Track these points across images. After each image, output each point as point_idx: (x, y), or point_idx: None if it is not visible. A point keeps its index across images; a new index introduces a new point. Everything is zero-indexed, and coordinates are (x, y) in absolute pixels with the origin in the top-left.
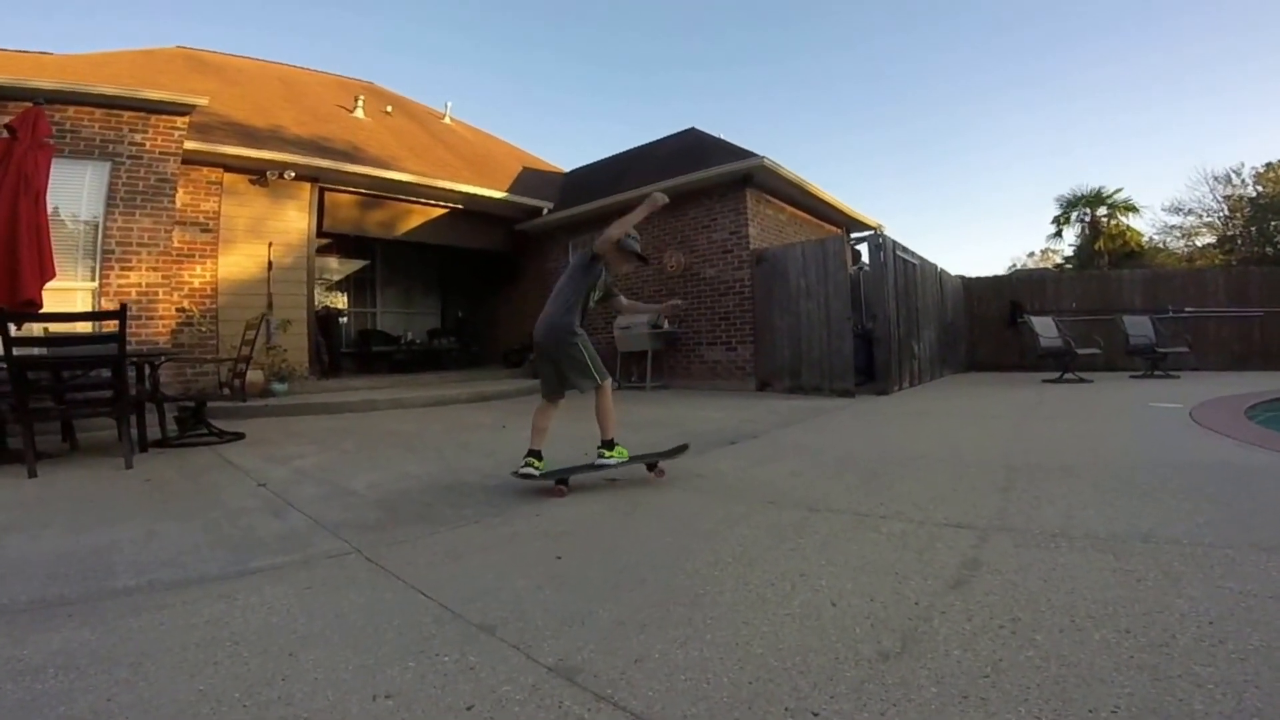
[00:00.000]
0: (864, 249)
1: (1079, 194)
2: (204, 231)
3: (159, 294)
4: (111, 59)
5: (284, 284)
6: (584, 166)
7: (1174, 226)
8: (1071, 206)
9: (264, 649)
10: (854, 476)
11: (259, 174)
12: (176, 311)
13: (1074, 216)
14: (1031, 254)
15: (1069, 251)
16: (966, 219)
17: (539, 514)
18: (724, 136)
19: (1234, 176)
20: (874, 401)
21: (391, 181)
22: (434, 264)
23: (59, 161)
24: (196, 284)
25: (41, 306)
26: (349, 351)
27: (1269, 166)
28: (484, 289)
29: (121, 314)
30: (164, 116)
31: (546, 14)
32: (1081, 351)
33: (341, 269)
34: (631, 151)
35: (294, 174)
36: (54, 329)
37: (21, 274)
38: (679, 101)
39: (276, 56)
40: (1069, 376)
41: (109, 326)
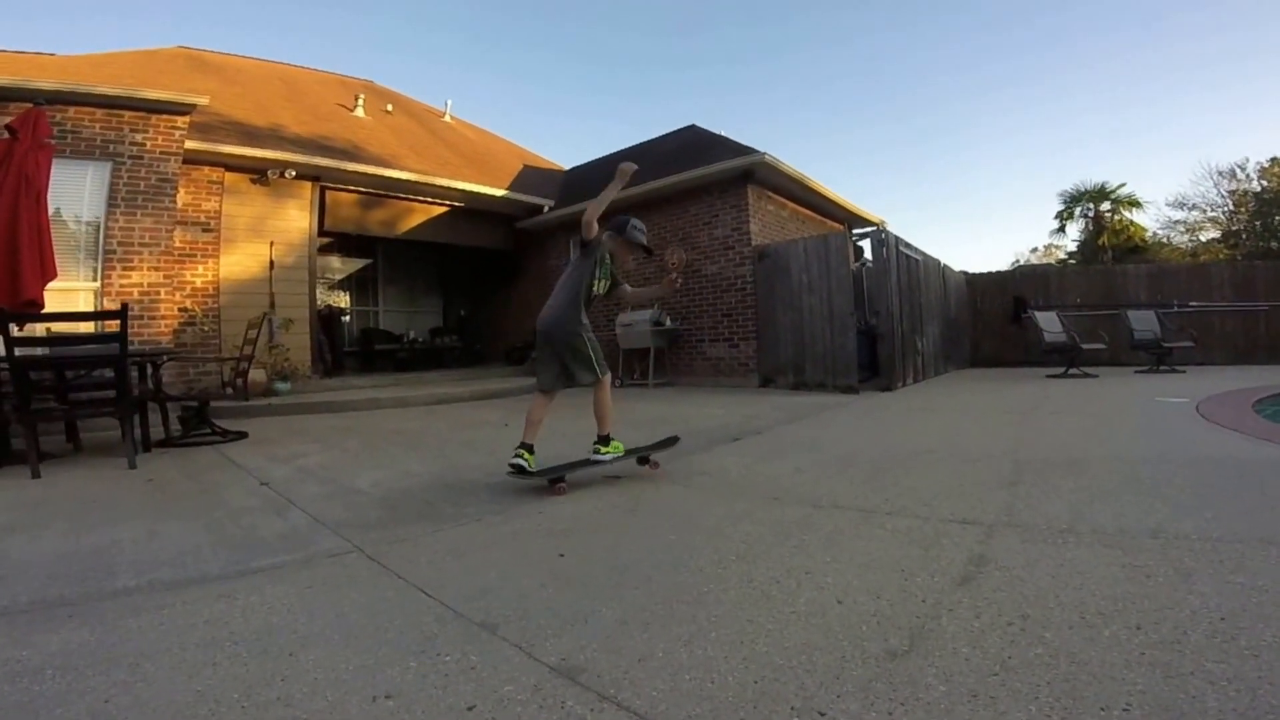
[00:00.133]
0: (866, 245)
1: (1082, 189)
2: (205, 231)
3: (161, 294)
4: (112, 59)
5: (286, 283)
6: (584, 164)
7: (1178, 221)
8: (1075, 202)
9: (264, 649)
10: (858, 473)
11: (260, 173)
12: (179, 311)
13: (1077, 212)
14: (1035, 249)
15: (1072, 247)
16: (969, 215)
17: (541, 512)
18: (725, 133)
19: (1238, 171)
20: (878, 398)
21: (392, 180)
22: (435, 262)
23: (60, 162)
24: (198, 283)
25: (43, 307)
26: (352, 350)
27: (1274, 161)
28: (486, 287)
29: (123, 313)
30: (164, 116)
31: (546, 13)
32: (1086, 346)
33: (344, 268)
34: (632, 149)
35: (295, 173)
36: (56, 329)
37: (23, 274)
38: (679, 100)
39: (276, 56)
40: (1074, 372)
41: (111, 326)
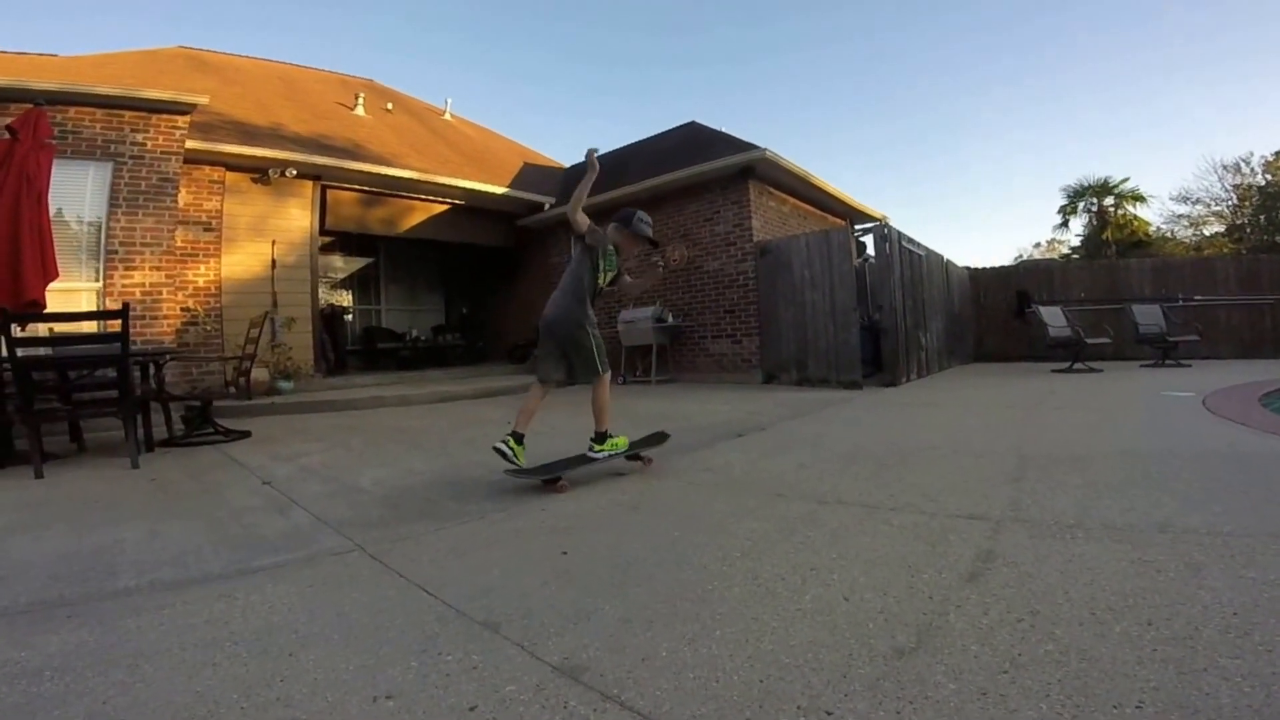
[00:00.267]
0: (869, 240)
1: (1086, 184)
2: (207, 230)
3: (163, 293)
4: (112, 59)
5: (288, 282)
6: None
7: (1182, 216)
8: (1078, 196)
9: (264, 649)
10: (863, 468)
11: (261, 172)
12: (181, 311)
13: (1081, 207)
14: (1038, 244)
15: (1076, 241)
16: (970, 212)
17: (544, 509)
18: (725, 130)
19: (1243, 165)
20: (882, 393)
21: (393, 178)
22: (437, 261)
23: (61, 162)
24: (200, 283)
25: (45, 307)
26: (354, 349)
27: (1278, 155)
28: (487, 285)
29: (124, 313)
30: (165, 116)
31: (544, 12)
32: (1091, 341)
33: (346, 267)
34: (632, 146)
35: (295, 172)
36: (59, 329)
37: (24, 275)
38: (678, 99)
39: (276, 56)
40: (1079, 366)
41: (113, 326)
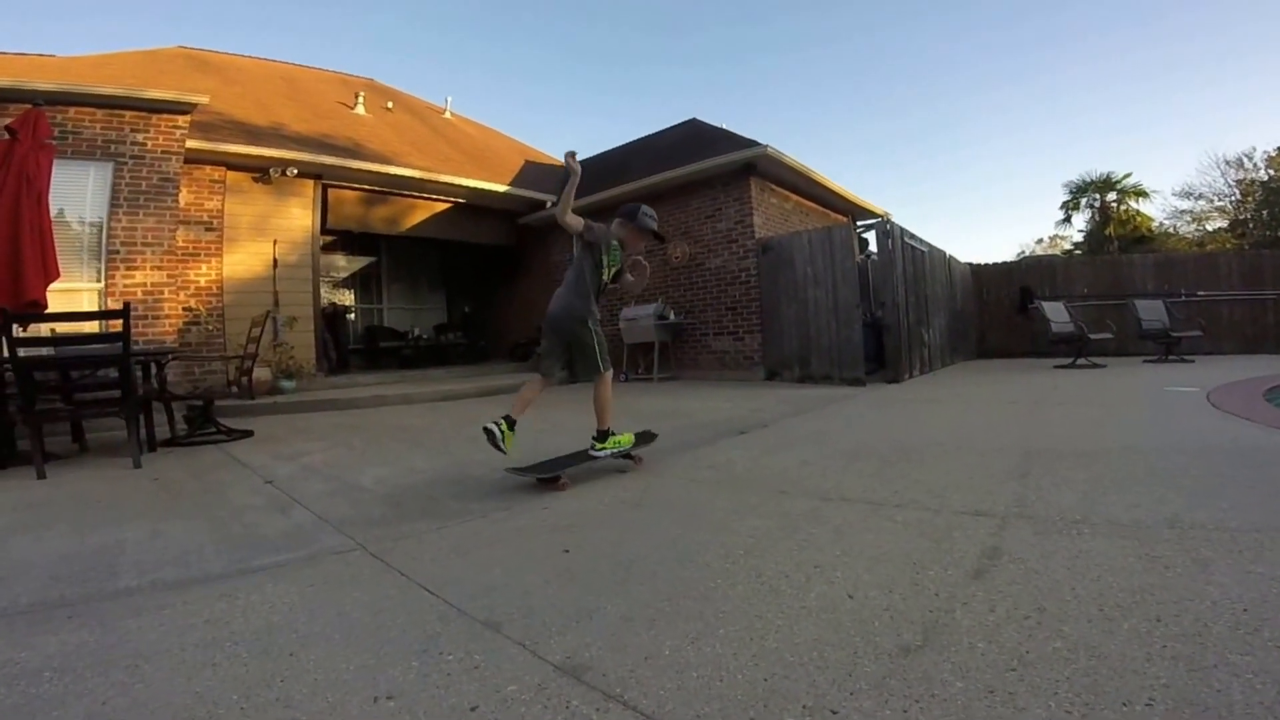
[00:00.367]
0: (871, 237)
1: (1088, 180)
2: (208, 230)
3: (165, 293)
4: (112, 60)
5: (289, 281)
6: (585, 159)
7: (1184, 211)
8: (1081, 192)
9: (264, 649)
10: (867, 465)
11: (262, 171)
12: (183, 311)
13: (1083, 202)
14: (1040, 240)
15: (1078, 237)
16: (972, 209)
17: (546, 507)
18: (726, 127)
19: (1246, 161)
20: (885, 389)
21: (394, 177)
22: (439, 259)
23: (61, 163)
24: (202, 283)
25: (46, 307)
26: (357, 348)
27: None
28: (489, 283)
29: (125, 313)
30: (165, 116)
31: (544, 11)
32: (1094, 336)
33: (347, 266)
34: (633, 143)
35: (296, 171)
36: (60, 329)
37: (25, 275)
38: (678, 97)
39: (276, 56)
40: (1081, 362)
41: (114, 326)
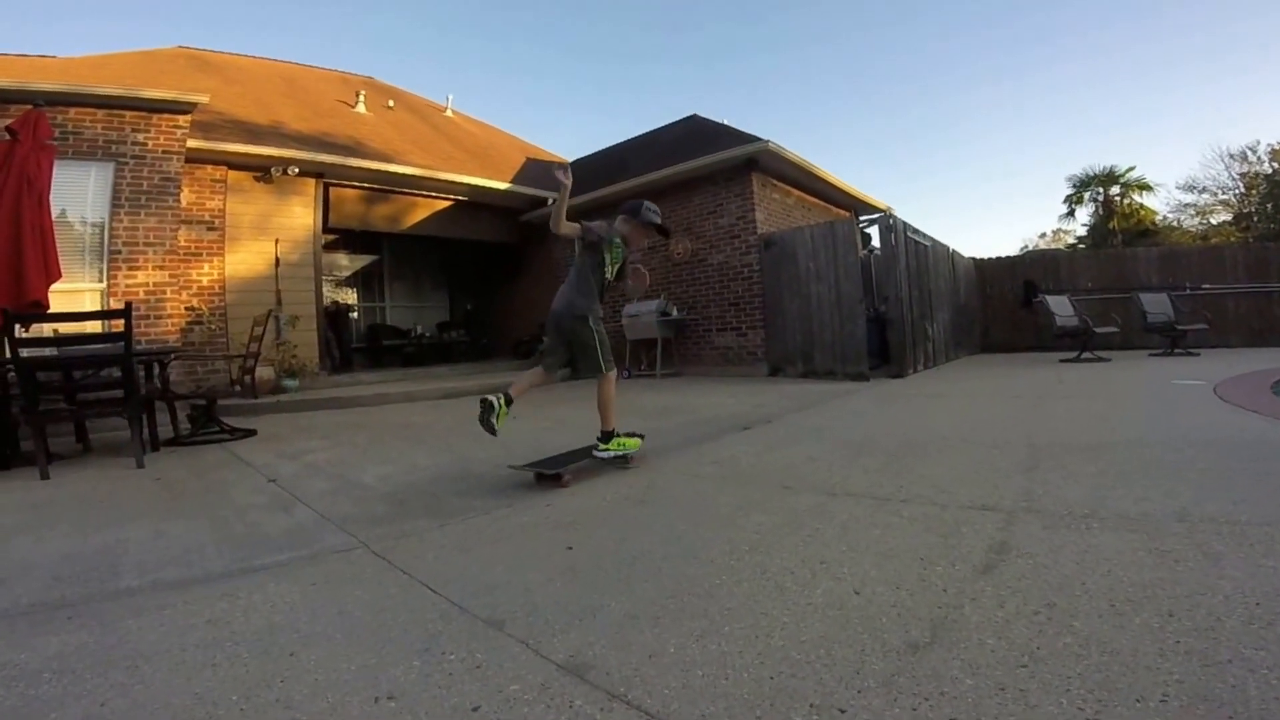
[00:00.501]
0: (874, 232)
1: (1091, 173)
2: (210, 230)
3: (167, 293)
4: (112, 60)
5: (292, 280)
6: (587, 156)
7: (1188, 204)
8: (1084, 186)
9: (264, 649)
10: (872, 460)
11: (263, 171)
12: (185, 310)
13: (1086, 196)
14: (1043, 235)
15: (1082, 231)
16: (975, 204)
17: (549, 504)
18: (727, 123)
19: (1249, 154)
20: (889, 384)
21: (395, 175)
22: (441, 257)
23: (62, 163)
24: (205, 282)
25: (48, 308)
26: (359, 347)
27: None
28: (491, 280)
29: (126, 312)
30: (166, 115)
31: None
32: (1099, 330)
33: (350, 264)
34: (634, 140)
35: (298, 170)
36: (63, 329)
37: (27, 276)
38: (679, 95)
39: (276, 55)
40: (1086, 356)
41: (116, 326)
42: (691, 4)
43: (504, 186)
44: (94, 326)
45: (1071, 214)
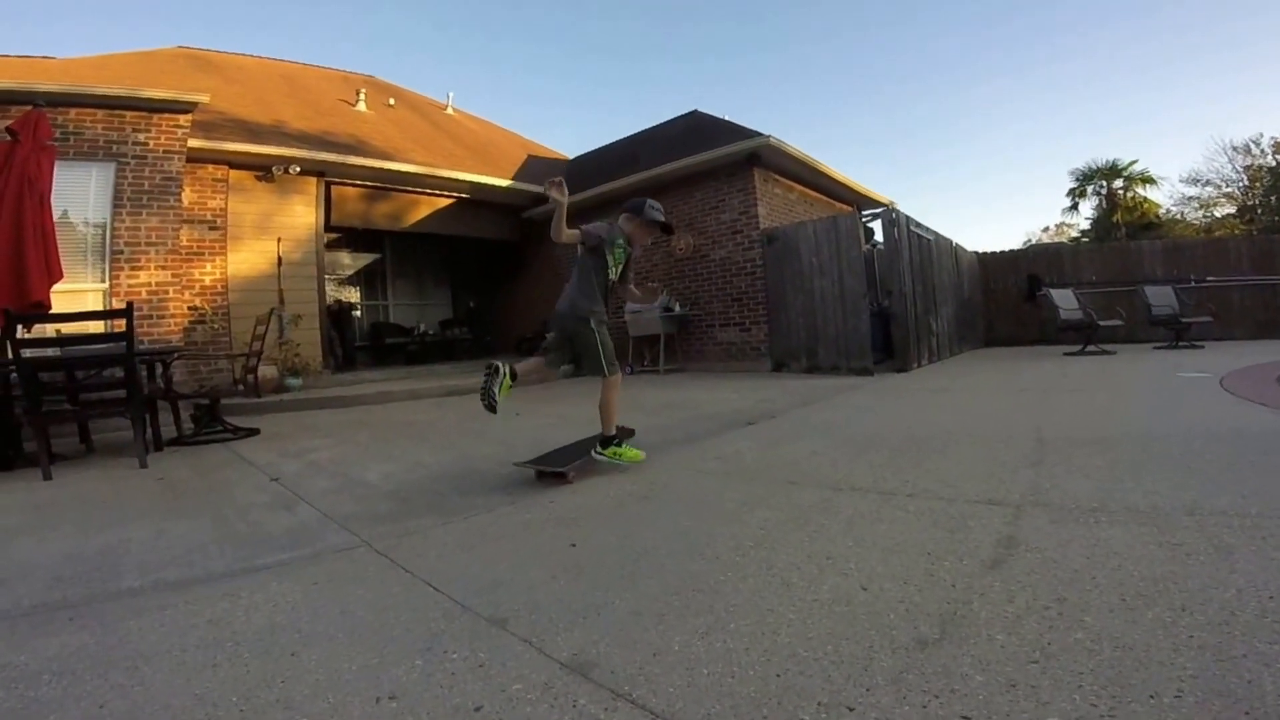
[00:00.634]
0: (877, 226)
1: (1094, 167)
2: (212, 229)
3: (169, 293)
4: (113, 61)
5: (294, 279)
6: (589, 152)
7: (1192, 198)
8: (1087, 179)
9: (265, 649)
10: (877, 455)
11: (265, 170)
12: (188, 310)
13: (1090, 190)
14: (1046, 228)
15: (1085, 225)
16: (978, 199)
17: (553, 501)
18: (728, 118)
19: (1253, 147)
20: (893, 379)
21: (397, 173)
22: (443, 255)
23: (64, 164)
24: (207, 281)
25: (50, 308)
26: (363, 345)
27: None
28: (494, 278)
29: (128, 312)
30: (166, 115)
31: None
32: (1103, 323)
33: (352, 263)
34: (635, 136)
35: (299, 169)
36: (65, 330)
37: (29, 276)
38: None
39: (276, 54)
40: (1091, 349)
41: (118, 326)
42: (693, 2)
43: (505, 183)
44: (96, 326)
45: (1075, 208)
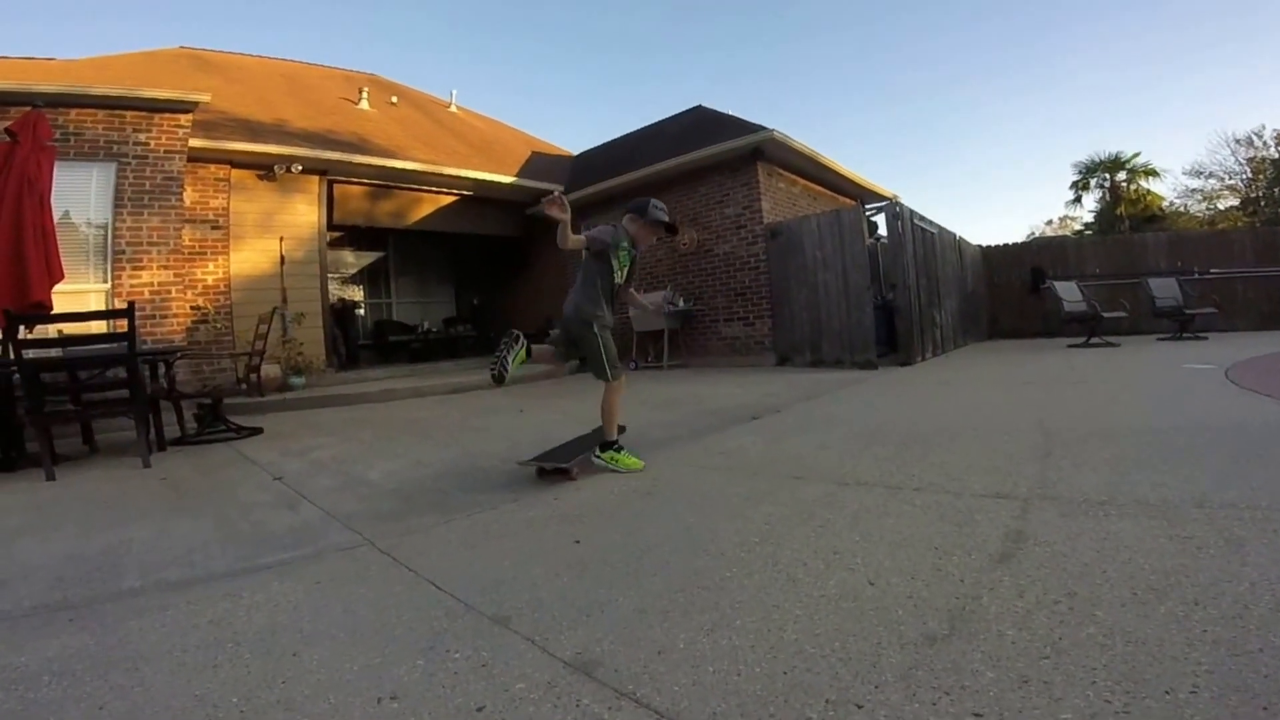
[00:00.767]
0: (880, 220)
1: (1097, 160)
2: (214, 229)
3: (172, 292)
4: (114, 61)
5: (297, 277)
6: (593, 148)
7: (1195, 190)
8: (1090, 172)
9: (267, 649)
10: (883, 448)
11: (266, 169)
12: (191, 309)
13: (1093, 182)
14: (1049, 222)
15: (1089, 218)
16: (981, 193)
17: (556, 498)
18: (732, 113)
19: (1255, 139)
20: (897, 372)
21: (400, 171)
22: (447, 252)
23: (65, 164)
24: (210, 281)
25: (52, 309)
26: (366, 343)
27: None
28: (497, 275)
29: (129, 312)
30: (167, 115)
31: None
32: (1107, 315)
33: (355, 261)
34: (640, 132)
35: (301, 167)
36: (67, 330)
37: (30, 277)
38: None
39: (278, 54)
40: (1095, 341)
41: (120, 326)
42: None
43: (509, 180)
44: (99, 326)
45: (1078, 200)
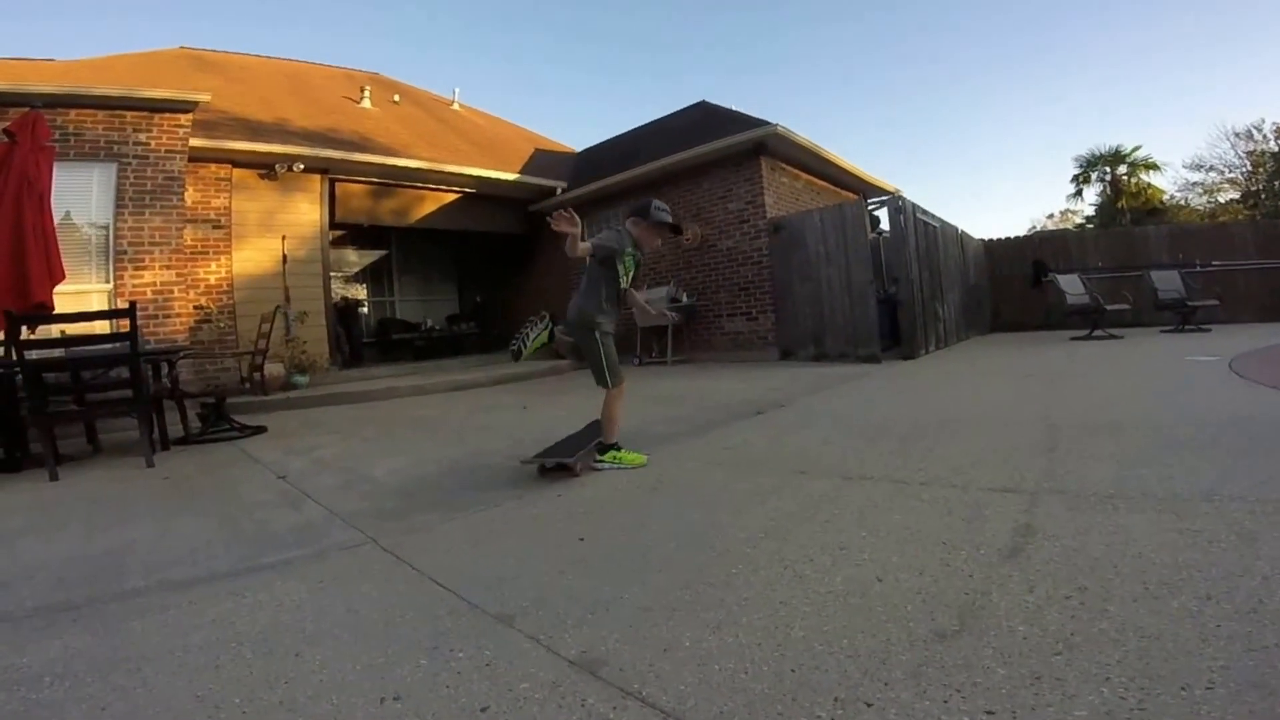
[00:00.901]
0: (883, 214)
1: (1098, 153)
2: (216, 228)
3: (174, 292)
4: (114, 62)
5: (299, 276)
6: (596, 145)
7: (1195, 183)
8: (1091, 166)
9: (269, 649)
10: (888, 443)
11: (268, 168)
12: (194, 309)
13: (1094, 176)
14: (1051, 215)
15: (1090, 211)
16: (982, 187)
17: (560, 495)
18: (735, 108)
19: (1255, 132)
20: (901, 366)
21: (402, 169)
22: (450, 250)
23: (65, 165)
24: (212, 280)
25: (53, 309)
26: (370, 341)
27: None
28: (501, 272)
29: (131, 312)
30: (167, 115)
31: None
32: (1111, 307)
33: (358, 259)
34: (643, 128)
35: (303, 166)
36: (70, 330)
37: (31, 278)
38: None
39: (279, 53)
40: (1098, 333)
41: (122, 326)
42: None
43: (512, 177)
44: (102, 326)
45: (1079, 194)
